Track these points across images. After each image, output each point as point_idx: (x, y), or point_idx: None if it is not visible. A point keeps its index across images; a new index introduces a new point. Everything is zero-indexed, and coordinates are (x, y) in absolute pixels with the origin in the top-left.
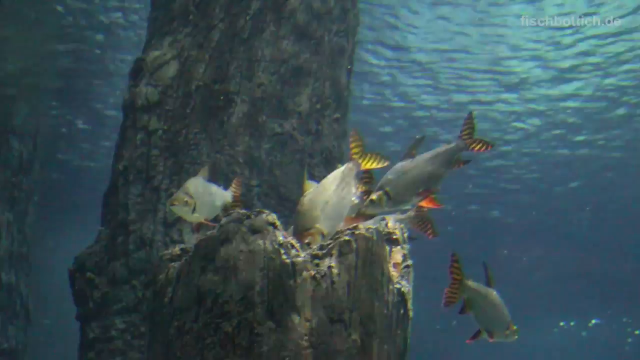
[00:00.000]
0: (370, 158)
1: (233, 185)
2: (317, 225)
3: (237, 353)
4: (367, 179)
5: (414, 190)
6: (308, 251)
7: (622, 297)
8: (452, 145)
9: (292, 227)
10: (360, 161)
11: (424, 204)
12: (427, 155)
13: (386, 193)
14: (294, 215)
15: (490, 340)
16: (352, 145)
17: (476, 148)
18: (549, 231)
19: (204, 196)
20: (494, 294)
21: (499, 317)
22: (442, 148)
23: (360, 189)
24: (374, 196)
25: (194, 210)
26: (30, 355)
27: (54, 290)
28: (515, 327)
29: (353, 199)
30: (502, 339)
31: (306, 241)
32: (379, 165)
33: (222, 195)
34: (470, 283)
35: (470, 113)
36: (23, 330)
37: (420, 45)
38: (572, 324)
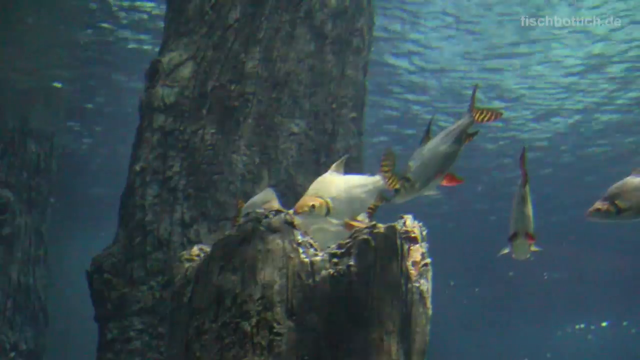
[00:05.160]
0: (395, 179)
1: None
2: (328, 200)
3: (256, 352)
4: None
5: (433, 172)
6: (327, 250)
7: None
8: (462, 120)
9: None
10: (389, 179)
11: (445, 183)
12: (439, 135)
13: (407, 180)
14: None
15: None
16: (384, 163)
17: (485, 119)
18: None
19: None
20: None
21: (530, 221)
22: (453, 126)
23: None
24: (397, 185)
25: None
26: (48, 357)
27: (72, 292)
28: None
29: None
30: (524, 250)
31: (311, 203)
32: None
33: None
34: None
35: (475, 86)
36: (41, 332)
37: None
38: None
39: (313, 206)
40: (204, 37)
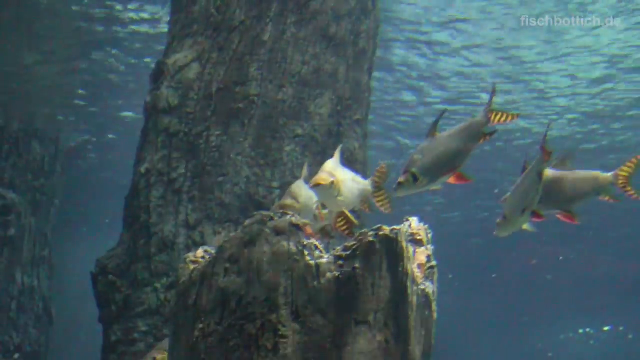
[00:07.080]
0: (385, 198)
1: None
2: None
3: (261, 355)
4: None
5: (441, 169)
6: (332, 253)
7: None
8: (477, 119)
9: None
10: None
11: (452, 180)
12: (452, 131)
13: (413, 174)
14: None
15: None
16: (377, 173)
17: (502, 120)
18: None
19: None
20: None
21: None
22: (467, 123)
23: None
24: (401, 179)
25: None
26: (52, 358)
27: (76, 293)
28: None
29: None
30: (518, 226)
31: (331, 180)
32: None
33: None
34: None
35: (494, 86)
36: (45, 333)
37: None
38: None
39: (332, 182)
40: (209, 38)
